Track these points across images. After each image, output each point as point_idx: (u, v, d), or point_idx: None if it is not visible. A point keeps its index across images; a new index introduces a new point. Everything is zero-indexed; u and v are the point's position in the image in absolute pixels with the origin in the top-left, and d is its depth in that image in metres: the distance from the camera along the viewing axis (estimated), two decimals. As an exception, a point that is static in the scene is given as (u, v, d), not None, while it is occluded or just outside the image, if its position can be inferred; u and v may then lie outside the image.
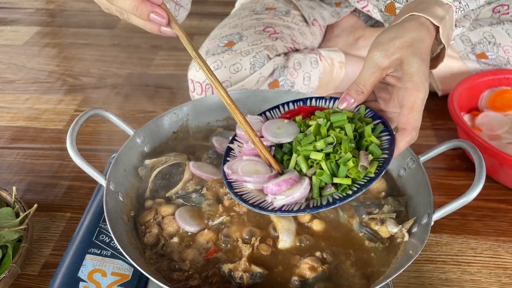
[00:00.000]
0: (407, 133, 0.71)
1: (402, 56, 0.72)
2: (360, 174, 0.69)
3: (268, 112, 0.87)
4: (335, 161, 0.70)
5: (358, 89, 0.75)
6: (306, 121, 0.78)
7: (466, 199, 0.71)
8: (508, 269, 0.97)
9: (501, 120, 1.25)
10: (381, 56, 0.73)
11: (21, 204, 1.01)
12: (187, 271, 0.74)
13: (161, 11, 0.70)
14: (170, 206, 0.84)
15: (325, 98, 0.83)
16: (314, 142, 0.72)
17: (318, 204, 0.69)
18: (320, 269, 0.73)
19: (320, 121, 0.75)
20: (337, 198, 0.68)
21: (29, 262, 0.97)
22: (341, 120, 0.74)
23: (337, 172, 0.70)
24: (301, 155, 0.72)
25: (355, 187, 0.69)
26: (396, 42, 0.72)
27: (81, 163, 0.80)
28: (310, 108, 0.83)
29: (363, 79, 0.74)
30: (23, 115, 1.43)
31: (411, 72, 0.71)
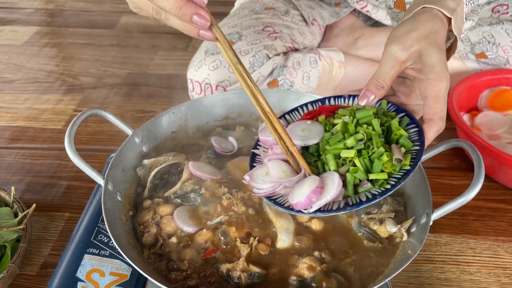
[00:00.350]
0: (435, 123, 0.71)
1: (420, 48, 0.73)
2: (396, 168, 0.69)
3: (287, 115, 0.86)
4: (368, 157, 0.70)
5: (378, 84, 0.75)
6: (330, 120, 0.77)
7: (465, 199, 0.71)
8: (508, 269, 0.97)
9: (500, 120, 1.25)
10: (399, 50, 0.73)
11: (20, 204, 1.01)
12: (185, 271, 0.74)
13: (205, 13, 0.67)
14: (168, 206, 0.84)
15: (343, 96, 0.83)
16: (343, 140, 0.72)
17: (357, 201, 0.68)
18: (318, 268, 0.73)
19: (346, 118, 0.74)
20: (376, 193, 0.68)
21: (28, 262, 0.97)
22: (367, 116, 0.73)
23: (371, 168, 0.70)
24: (331, 154, 0.72)
25: (393, 181, 0.68)
26: (413, 34, 0.73)
27: (79, 163, 0.80)
28: (331, 107, 0.82)
29: (383, 73, 0.74)
30: (22, 115, 1.43)
31: (432, 63, 0.71)
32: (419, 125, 0.74)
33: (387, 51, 0.74)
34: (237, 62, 0.72)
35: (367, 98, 0.76)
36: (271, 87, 1.27)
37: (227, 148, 0.97)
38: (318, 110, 0.83)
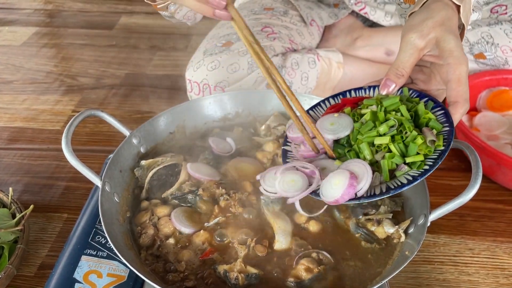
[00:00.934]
0: (460, 105, 0.73)
1: (437, 35, 0.75)
2: (431, 149, 0.71)
3: (311, 111, 0.87)
4: (402, 142, 0.71)
5: (398, 73, 0.77)
6: (357, 111, 0.79)
7: (462, 200, 0.71)
8: (506, 269, 0.97)
9: (499, 121, 1.24)
10: (417, 38, 0.75)
11: (18, 205, 1.01)
12: (183, 272, 0.74)
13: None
14: (166, 207, 0.84)
15: (363, 88, 0.84)
16: (374, 128, 0.73)
17: (398, 183, 0.70)
18: (316, 270, 0.73)
19: (373, 108, 0.76)
20: (416, 174, 0.69)
21: (26, 263, 0.97)
22: (394, 103, 0.75)
23: (406, 152, 0.71)
24: (365, 143, 0.73)
25: (430, 162, 0.70)
26: (429, 22, 0.76)
27: (76, 164, 0.80)
28: (354, 99, 0.84)
29: (402, 62, 0.76)
30: (21, 116, 1.43)
31: (450, 48, 0.74)
32: (444, 107, 0.76)
33: (405, 39, 0.77)
34: (253, 42, 0.72)
35: (388, 87, 0.79)
36: (270, 88, 1.26)
37: (225, 149, 0.97)
38: (342, 103, 0.85)
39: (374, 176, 0.71)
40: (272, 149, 0.96)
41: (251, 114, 1.06)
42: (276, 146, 0.96)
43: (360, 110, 0.78)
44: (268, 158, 0.95)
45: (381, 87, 0.79)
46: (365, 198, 0.70)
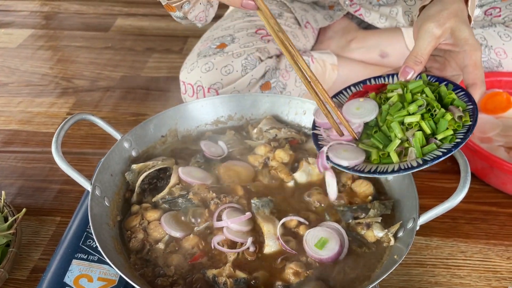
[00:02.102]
0: (478, 86, 0.81)
1: (452, 25, 0.82)
2: (460, 124, 0.76)
3: (334, 98, 0.90)
4: (432, 119, 0.76)
5: (416, 60, 0.82)
6: (382, 95, 0.83)
7: (450, 204, 0.71)
8: (498, 272, 0.97)
9: (492, 123, 1.24)
10: (435, 27, 0.82)
11: (10, 208, 1.01)
12: (172, 277, 0.74)
13: None
14: (156, 211, 0.84)
15: (382, 76, 0.90)
16: (402, 109, 0.78)
17: (434, 155, 0.74)
18: (304, 274, 0.73)
19: (399, 91, 0.81)
20: (450, 146, 0.74)
21: (18, 267, 0.97)
22: (419, 85, 0.81)
23: (436, 129, 0.76)
24: (395, 122, 0.77)
25: (460, 135, 0.75)
26: (444, 13, 0.82)
27: (66, 169, 0.80)
28: (376, 85, 0.88)
29: (421, 49, 0.82)
30: (16, 118, 1.43)
31: (465, 37, 0.81)
32: (463, 88, 0.82)
33: (424, 28, 0.82)
34: (278, 30, 0.76)
35: (407, 74, 0.83)
36: (264, 90, 1.27)
37: (217, 152, 0.97)
38: (364, 90, 0.89)
39: (410, 152, 0.76)
40: (264, 152, 0.96)
41: (243, 117, 1.06)
42: (268, 150, 0.96)
43: (385, 94, 0.83)
44: (259, 162, 0.95)
45: (401, 74, 0.84)
46: (403, 171, 0.74)
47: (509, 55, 1.30)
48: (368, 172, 0.76)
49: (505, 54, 1.30)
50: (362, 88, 0.91)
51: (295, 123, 1.06)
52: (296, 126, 1.05)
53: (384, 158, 0.78)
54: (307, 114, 1.04)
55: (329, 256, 0.76)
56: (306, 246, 0.77)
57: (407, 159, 0.76)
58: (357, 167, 0.77)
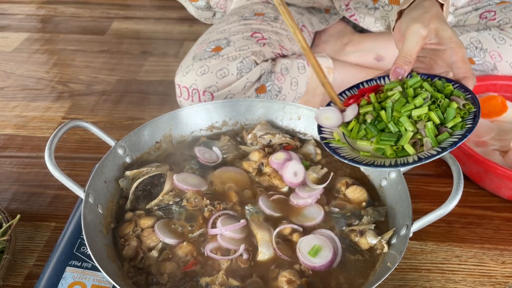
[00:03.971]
0: (470, 79, 0.85)
1: (436, 25, 0.86)
2: (466, 111, 0.79)
3: (330, 104, 0.93)
4: (439, 110, 0.79)
5: (406, 60, 0.86)
6: (381, 95, 0.86)
7: (444, 211, 0.71)
8: (493, 277, 0.97)
9: (487, 127, 1.24)
10: (421, 27, 0.86)
11: (5, 214, 1.00)
12: (165, 285, 0.74)
13: None
14: (150, 218, 0.84)
15: (374, 79, 0.93)
16: (407, 104, 0.80)
17: (450, 143, 0.76)
18: (298, 282, 0.73)
19: (398, 88, 0.84)
20: (464, 131, 0.77)
21: (12, 273, 0.97)
22: (417, 81, 0.84)
23: (444, 119, 0.79)
24: (404, 116, 0.79)
25: (469, 122, 0.77)
26: (427, 15, 0.87)
27: (59, 176, 0.80)
28: (370, 88, 0.91)
29: (409, 49, 0.86)
30: (11, 123, 1.43)
31: (449, 35, 0.86)
32: (456, 81, 0.85)
33: (411, 29, 0.86)
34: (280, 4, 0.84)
35: (398, 74, 0.87)
36: (259, 93, 1.27)
37: (211, 158, 0.97)
38: (359, 93, 0.91)
39: (425, 142, 0.77)
40: (258, 158, 0.96)
41: (238, 123, 1.07)
42: (261, 156, 0.96)
43: (384, 94, 0.86)
44: (253, 168, 0.95)
45: (392, 75, 0.88)
46: (425, 159, 0.75)
47: (504, 58, 1.30)
48: (389, 165, 0.77)
49: (500, 57, 1.30)
50: (357, 91, 0.92)
51: (290, 128, 1.06)
52: (291, 131, 1.06)
53: (399, 152, 0.79)
54: (302, 120, 1.04)
55: (322, 264, 0.76)
56: (299, 253, 0.77)
57: (423, 149, 0.77)
58: (376, 163, 0.78)
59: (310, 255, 0.77)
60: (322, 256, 0.77)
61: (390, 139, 0.80)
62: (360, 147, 0.83)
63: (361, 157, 0.80)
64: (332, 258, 0.77)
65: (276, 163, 0.93)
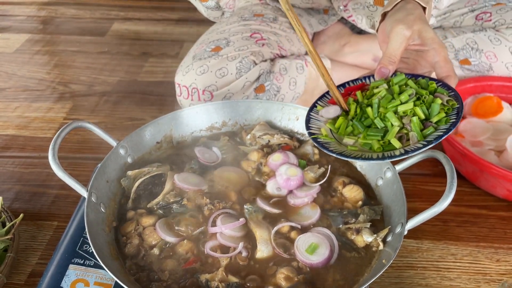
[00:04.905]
0: (453, 78, 0.88)
1: (419, 27, 0.89)
2: (449, 107, 0.82)
3: (319, 101, 0.95)
4: (424, 106, 0.82)
5: (390, 60, 0.89)
6: (367, 93, 0.89)
7: (437, 209, 0.73)
8: (487, 274, 0.99)
9: (483, 127, 1.26)
10: (405, 28, 0.88)
11: (8, 213, 1.02)
12: (166, 281, 0.76)
13: None
14: (151, 217, 0.85)
15: (359, 78, 0.96)
16: (393, 100, 0.83)
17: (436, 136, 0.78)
18: (295, 279, 0.75)
19: (384, 86, 0.87)
20: (448, 126, 0.79)
21: (16, 271, 0.99)
22: (402, 79, 0.87)
23: (428, 114, 0.82)
24: (390, 112, 0.82)
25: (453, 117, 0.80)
26: (411, 17, 0.89)
27: (63, 176, 0.82)
28: (355, 86, 0.94)
29: (393, 50, 0.89)
30: (13, 124, 1.44)
31: (431, 36, 0.89)
32: (439, 80, 0.88)
33: (395, 30, 0.89)
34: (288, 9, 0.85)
35: (383, 74, 0.90)
36: (258, 93, 1.28)
37: (211, 158, 0.99)
38: (346, 91, 0.94)
39: (411, 136, 0.80)
40: (257, 158, 0.98)
41: (237, 123, 1.08)
42: (260, 155, 0.98)
43: (370, 91, 0.88)
44: (252, 167, 0.97)
45: (377, 74, 0.90)
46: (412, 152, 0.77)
47: (500, 58, 1.32)
48: (377, 158, 0.78)
49: (496, 58, 1.32)
50: (343, 90, 0.95)
51: (288, 128, 1.08)
52: (289, 131, 1.07)
53: (386, 146, 0.81)
54: (300, 120, 1.06)
55: (320, 261, 0.78)
56: (297, 251, 0.79)
57: (410, 143, 0.79)
58: (364, 156, 0.79)
59: (308, 252, 0.78)
60: (319, 254, 0.78)
61: (377, 134, 0.81)
62: (347, 142, 0.84)
63: (348, 151, 0.81)
64: (329, 255, 0.78)
65: (273, 164, 0.95)
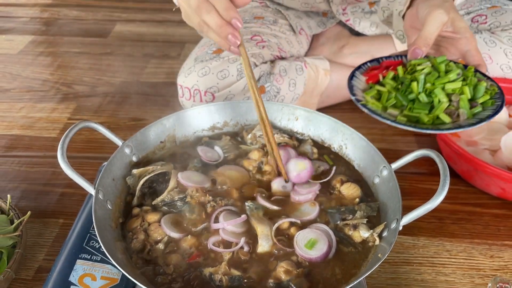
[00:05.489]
0: (484, 66, 0.95)
1: (453, 15, 0.93)
2: (492, 90, 0.88)
3: (356, 71, 0.99)
4: (471, 85, 0.87)
5: (425, 42, 0.92)
6: (409, 69, 0.92)
7: (431, 206, 0.76)
8: (481, 270, 1.02)
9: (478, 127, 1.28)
10: (444, 13, 0.92)
11: (16, 211, 1.05)
12: (171, 275, 0.78)
13: (238, 34, 0.83)
14: (156, 213, 0.88)
15: (392, 56, 1.01)
16: (439, 78, 0.87)
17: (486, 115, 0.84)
18: (295, 272, 0.78)
19: (428, 64, 0.90)
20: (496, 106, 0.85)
21: (24, 267, 1.01)
22: (444, 60, 0.92)
23: (473, 95, 0.87)
24: (438, 88, 0.85)
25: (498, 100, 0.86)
26: (447, 4, 0.94)
27: (71, 174, 0.85)
28: (393, 62, 0.99)
29: (430, 33, 0.92)
30: (18, 124, 1.47)
31: (464, 26, 0.94)
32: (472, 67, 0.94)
33: (433, 14, 0.92)
34: (251, 77, 0.90)
35: (417, 55, 0.93)
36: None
37: (213, 157, 1.02)
38: (383, 66, 0.99)
39: (461, 112, 0.84)
40: (258, 157, 1.00)
41: (238, 123, 1.11)
42: (261, 154, 1.01)
43: (413, 67, 0.92)
44: (253, 166, 1.00)
45: (410, 55, 0.94)
46: (466, 127, 0.83)
47: (495, 60, 1.34)
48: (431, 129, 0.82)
49: (491, 60, 1.34)
50: (379, 64, 1.00)
51: (288, 128, 1.11)
52: (289, 131, 1.10)
53: (434, 120, 0.85)
54: (299, 120, 1.09)
55: (318, 255, 0.81)
56: (297, 246, 0.82)
57: (459, 120, 0.84)
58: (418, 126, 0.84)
59: (307, 247, 0.81)
60: (318, 249, 0.81)
61: (424, 108, 0.85)
62: (392, 113, 0.88)
63: (399, 119, 0.85)
64: (327, 250, 0.81)
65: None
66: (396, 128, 1.42)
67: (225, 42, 0.84)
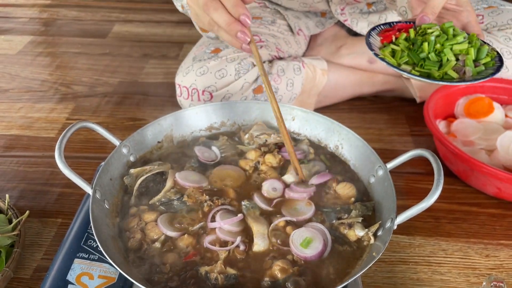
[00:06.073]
0: (483, 36, 0.99)
1: None
2: (493, 54, 0.95)
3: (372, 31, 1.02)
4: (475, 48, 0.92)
5: (433, 11, 0.96)
6: (419, 31, 0.96)
7: (425, 205, 0.77)
8: (477, 269, 1.02)
9: (475, 127, 1.29)
10: None
11: (14, 210, 1.05)
12: (167, 274, 0.79)
13: (248, 31, 0.84)
14: (153, 213, 0.89)
15: (401, 21, 1.04)
16: (447, 40, 0.92)
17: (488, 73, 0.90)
18: (290, 270, 0.79)
19: (437, 27, 0.95)
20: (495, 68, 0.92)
21: (22, 266, 1.02)
22: (451, 25, 0.96)
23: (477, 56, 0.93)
24: (447, 48, 0.91)
25: (498, 62, 0.93)
26: None
27: (69, 174, 0.85)
28: (404, 25, 1.02)
29: (437, 2, 0.96)
30: (17, 124, 1.47)
31: (466, 0, 1.00)
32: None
33: None
34: (263, 75, 0.92)
35: (424, 22, 0.97)
36: (257, 93, 1.32)
37: (210, 157, 1.03)
38: (396, 29, 1.02)
39: (467, 70, 0.90)
40: (254, 157, 1.01)
41: (235, 124, 1.12)
42: (258, 154, 1.01)
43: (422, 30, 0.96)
44: (250, 166, 1.00)
45: (419, 21, 0.98)
46: (472, 80, 0.89)
47: (492, 60, 1.36)
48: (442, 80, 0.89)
49: (489, 59, 1.35)
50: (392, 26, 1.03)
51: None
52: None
53: (444, 76, 0.90)
54: (296, 120, 1.09)
55: (313, 254, 0.81)
56: (292, 245, 0.83)
57: (465, 76, 0.89)
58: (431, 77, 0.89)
59: (302, 246, 0.82)
60: (313, 247, 0.82)
61: (434, 65, 0.90)
62: (405, 68, 0.93)
63: (414, 72, 0.91)
64: (322, 249, 0.82)
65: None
66: (393, 128, 1.44)
67: (236, 41, 0.84)
